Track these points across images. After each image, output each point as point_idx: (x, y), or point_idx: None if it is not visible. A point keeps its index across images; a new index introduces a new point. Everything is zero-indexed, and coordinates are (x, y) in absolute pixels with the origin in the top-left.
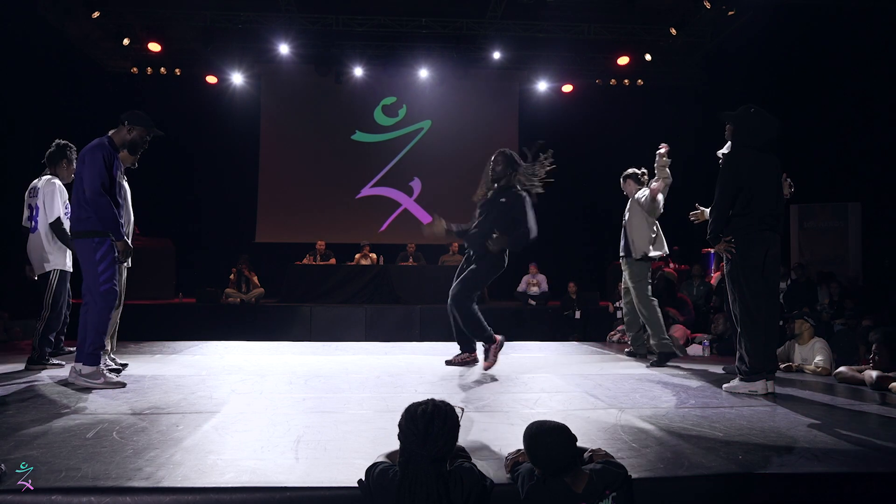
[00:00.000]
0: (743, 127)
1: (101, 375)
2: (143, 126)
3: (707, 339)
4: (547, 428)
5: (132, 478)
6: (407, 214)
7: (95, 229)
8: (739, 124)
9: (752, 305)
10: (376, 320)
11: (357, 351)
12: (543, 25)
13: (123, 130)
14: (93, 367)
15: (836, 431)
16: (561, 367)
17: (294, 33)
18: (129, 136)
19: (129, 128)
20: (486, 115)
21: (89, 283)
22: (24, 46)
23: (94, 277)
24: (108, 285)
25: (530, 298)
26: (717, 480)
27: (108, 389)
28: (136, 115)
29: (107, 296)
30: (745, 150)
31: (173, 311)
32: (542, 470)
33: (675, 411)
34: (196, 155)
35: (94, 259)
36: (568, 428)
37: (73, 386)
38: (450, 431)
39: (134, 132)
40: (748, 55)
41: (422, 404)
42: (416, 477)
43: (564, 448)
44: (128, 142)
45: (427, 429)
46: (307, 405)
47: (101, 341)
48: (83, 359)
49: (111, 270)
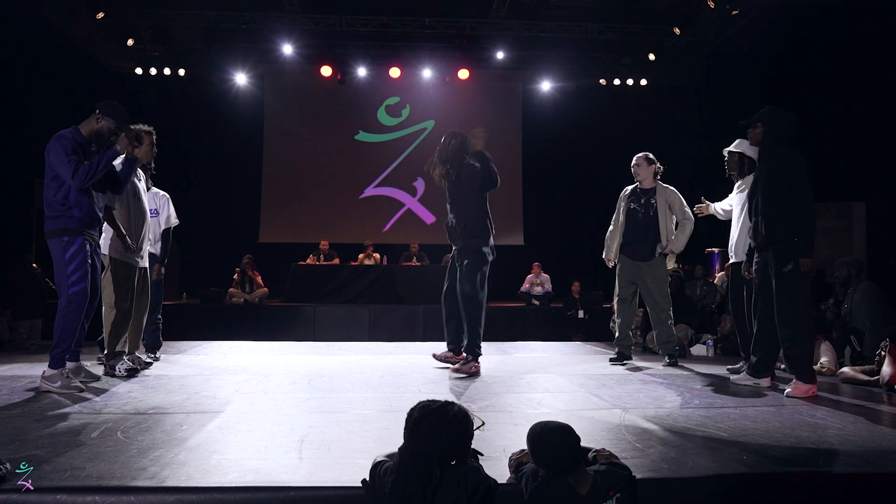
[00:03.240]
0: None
1: (60, 378)
2: (113, 118)
3: (711, 340)
4: (551, 428)
5: (136, 477)
6: (410, 214)
7: (66, 228)
8: (773, 124)
9: (804, 308)
10: (380, 320)
11: (360, 351)
12: (546, 25)
13: (93, 119)
14: (54, 371)
15: (842, 432)
16: (564, 367)
17: (297, 33)
18: (97, 125)
19: (99, 117)
20: (490, 115)
21: (60, 283)
22: (28, 47)
23: (64, 278)
24: (79, 286)
25: (534, 298)
26: (721, 481)
27: (65, 392)
28: (110, 105)
29: (76, 297)
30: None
31: (177, 312)
32: (545, 470)
33: (679, 411)
34: (199, 155)
35: (63, 259)
36: (572, 428)
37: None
38: (445, 432)
39: (102, 122)
40: (751, 55)
41: (429, 401)
42: (407, 470)
43: (568, 448)
44: (94, 132)
45: (417, 422)
46: (311, 405)
47: (65, 344)
48: (49, 362)
49: (82, 270)
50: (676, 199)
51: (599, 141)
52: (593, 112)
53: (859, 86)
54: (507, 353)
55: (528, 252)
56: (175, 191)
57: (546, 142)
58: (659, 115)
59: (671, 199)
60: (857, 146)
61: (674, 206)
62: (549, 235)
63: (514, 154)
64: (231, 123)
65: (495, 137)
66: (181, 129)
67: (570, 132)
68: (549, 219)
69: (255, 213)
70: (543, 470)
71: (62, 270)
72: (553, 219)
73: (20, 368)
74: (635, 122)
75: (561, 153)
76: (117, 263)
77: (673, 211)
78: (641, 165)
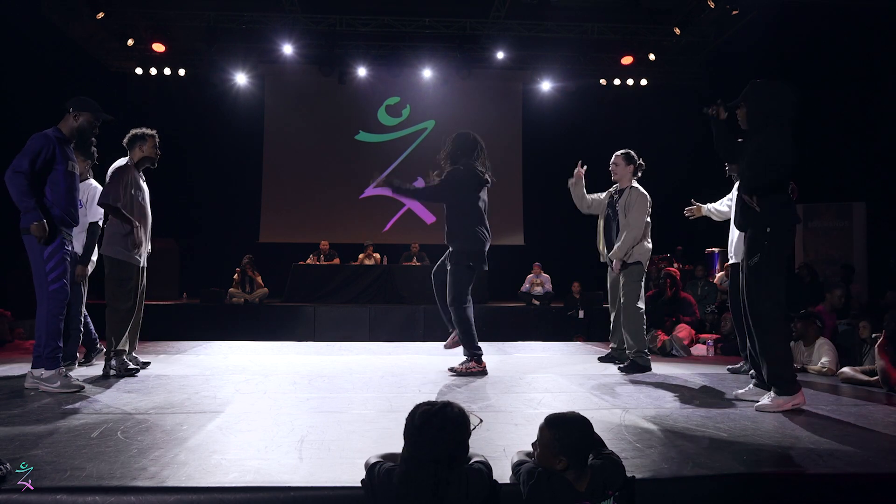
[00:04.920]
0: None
1: (59, 378)
2: (89, 111)
3: (711, 340)
4: (574, 416)
5: (136, 477)
6: (410, 214)
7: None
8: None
9: (772, 306)
10: (380, 320)
11: (360, 351)
12: (547, 25)
13: (70, 118)
14: (51, 371)
15: (841, 432)
16: (564, 367)
17: (298, 33)
18: (76, 122)
19: (76, 114)
20: (490, 115)
21: (38, 282)
22: (28, 47)
23: (43, 276)
24: (57, 284)
25: (534, 298)
26: (721, 481)
27: (65, 392)
28: (82, 100)
29: (57, 294)
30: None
31: (177, 312)
32: (571, 458)
33: (679, 411)
34: (200, 155)
35: (41, 257)
36: (586, 418)
37: (34, 391)
38: (449, 436)
39: (80, 118)
40: (752, 54)
41: (427, 404)
42: (410, 476)
43: (591, 434)
44: (75, 129)
45: (421, 428)
46: (311, 405)
47: (55, 343)
48: (42, 363)
49: (61, 268)
50: (632, 202)
51: (599, 141)
52: (593, 112)
53: (859, 86)
54: (507, 353)
55: (528, 252)
56: (175, 191)
57: (546, 142)
58: (659, 115)
59: (629, 202)
60: (857, 146)
61: (628, 209)
62: (549, 235)
63: (514, 154)
64: (231, 123)
65: (495, 137)
66: (181, 129)
67: (570, 132)
68: (549, 219)
69: (255, 213)
70: (563, 461)
71: (40, 269)
72: (553, 219)
73: (20, 368)
74: (635, 122)
75: (561, 153)
76: (117, 263)
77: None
78: (619, 164)
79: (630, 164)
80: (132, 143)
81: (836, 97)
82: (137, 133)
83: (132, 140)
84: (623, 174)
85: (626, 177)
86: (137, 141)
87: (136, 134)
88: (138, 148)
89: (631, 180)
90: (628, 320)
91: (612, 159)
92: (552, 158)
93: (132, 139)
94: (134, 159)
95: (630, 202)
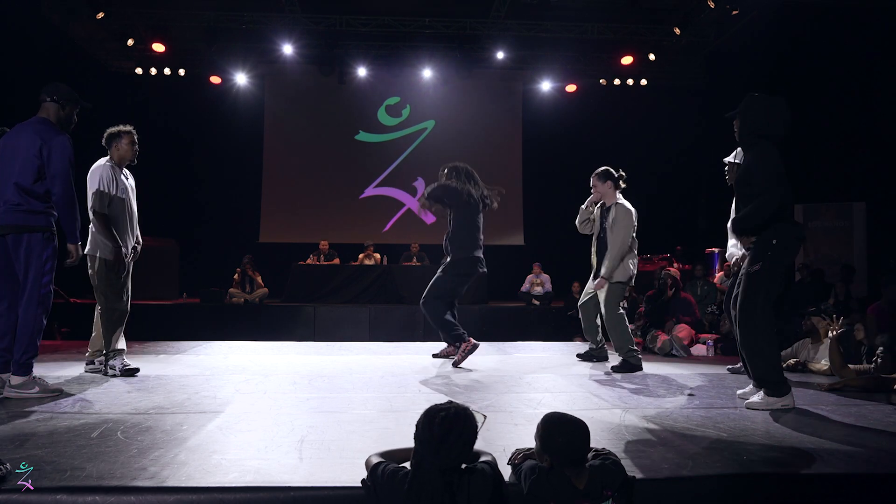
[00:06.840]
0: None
1: (35, 384)
2: (74, 102)
3: (711, 340)
4: (568, 419)
5: (136, 477)
6: (410, 215)
7: (48, 225)
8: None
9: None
10: (380, 320)
11: (361, 351)
12: (547, 25)
13: (57, 110)
14: (24, 377)
15: (841, 432)
16: (564, 367)
17: (298, 34)
18: (63, 112)
19: (63, 104)
20: (490, 115)
21: (32, 282)
22: (28, 47)
23: (39, 278)
24: (49, 288)
25: (534, 298)
26: (721, 481)
27: (44, 398)
28: (62, 88)
29: (47, 299)
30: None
31: (177, 311)
32: (554, 459)
33: (679, 411)
34: (200, 155)
35: (41, 258)
36: (587, 425)
37: (8, 401)
38: (467, 441)
39: (67, 108)
40: (752, 54)
41: (442, 409)
42: (423, 484)
43: (581, 441)
44: (62, 119)
45: (443, 438)
46: (311, 405)
47: (34, 349)
48: (14, 369)
49: (53, 273)
50: (618, 219)
51: (599, 141)
52: (593, 112)
53: (859, 86)
54: (507, 353)
55: (528, 252)
56: (175, 191)
57: (546, 142)
58: (659, 115)
59: (615, 219)
60: (856, 146)
61: (614, 226)
62: (549, 235)
63: (514, 154)
64: (231, 123)
65: (495, 137)
66: (181, 129)
67: (570, 132)
68: (549, 219)
69: (255, 212)
70: (552, 459)
71: (39, 269)
72: (553, 219)
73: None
74: (635, 122)
75: (561, 153)
76: (106, 263)
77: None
78: (597, 185)
79: (607, 180)
80: (109, 142)
81: (836, 97)
82: (113, 131)
83: (109, 139)
84: (604, 191)
85: (608, 194)
86: (114, 139)
87: (112, 132)
88: (115, 146)
89: (615, 196)
90: (611, 326)
91: (591, 181)
92: (552, 158)
93: (108, 138)
94: (113, 158)
95: (615, 219)
